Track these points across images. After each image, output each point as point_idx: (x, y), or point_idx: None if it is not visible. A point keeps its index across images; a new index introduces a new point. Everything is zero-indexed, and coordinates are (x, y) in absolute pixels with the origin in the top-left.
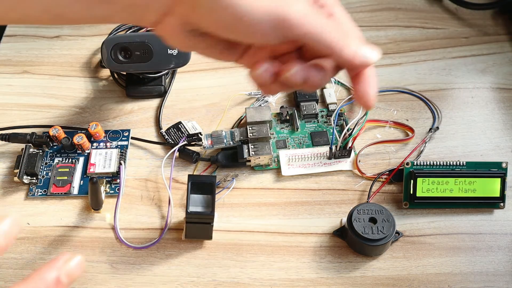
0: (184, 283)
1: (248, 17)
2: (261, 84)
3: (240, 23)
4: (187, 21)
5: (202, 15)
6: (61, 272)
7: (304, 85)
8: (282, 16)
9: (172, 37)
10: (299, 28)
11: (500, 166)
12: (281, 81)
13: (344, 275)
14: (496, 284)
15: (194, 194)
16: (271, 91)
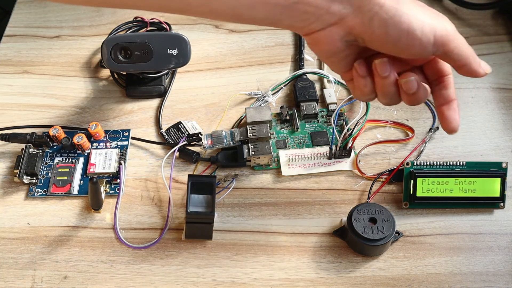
0: (184, 283)
1: (417, 32)
2: (408, 91)
3: (407, 37)
4: (352, 32)
5: (373, 29)
6: None
7: (413, 95)
8: (444, 33)
9: (328, 44)
10: (453, 42)
11: (500, 166)
12: (402, 88)
13: (344, 275)
14: (496, 284)
15: (194, 194)
16: (392, 99)
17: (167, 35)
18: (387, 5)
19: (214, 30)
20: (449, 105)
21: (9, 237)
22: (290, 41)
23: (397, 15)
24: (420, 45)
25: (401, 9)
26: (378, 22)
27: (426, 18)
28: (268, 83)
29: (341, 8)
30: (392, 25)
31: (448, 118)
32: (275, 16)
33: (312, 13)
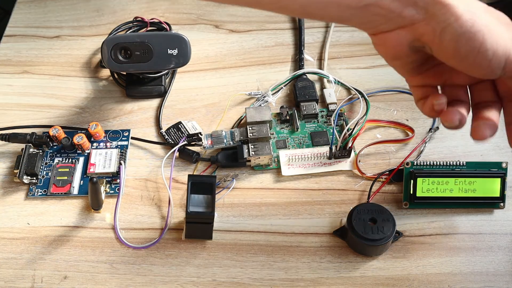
0: (184, 283)
1: (489, 53)
2: (435, 110)
3: (476, 56)
4: (420, 38)
5: (444, 40)
6: None
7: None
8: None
9: (394, 47)
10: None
11: (500, 166)
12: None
13: (344, 275)
14: (496, 284)
15: (194, 194)
16: (431, 113)
17: (167, 35)
18: (463, 18)
19: (214, 30)
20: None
21: (9, 237)
22: (290, 41)
23: (472, 32)
24: (488, 66)
25: (477, 24)
26: (450, 35)
27: (502, 37)
28: (268, 83)
29: (414, 13)
30: (464, 40)
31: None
32: (345, 16)
33: (383, 15)
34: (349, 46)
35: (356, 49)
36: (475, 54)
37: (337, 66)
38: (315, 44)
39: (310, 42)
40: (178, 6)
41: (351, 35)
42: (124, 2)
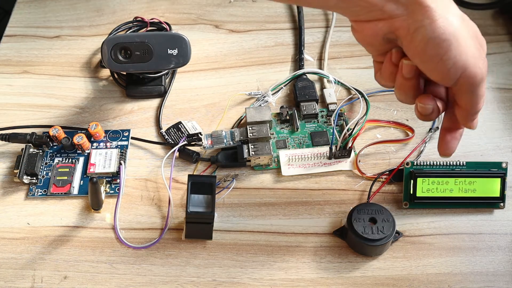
0: (184, 283)
1: (449, 62)
2: (422, 113)
3: (437, 62)
4: (395, 32)
5: (414, 39)
6: None
7: (425, 117)
8: (472, 76)
9: (370, 36)
10: (474, 90)
11: (500, 166)
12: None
13: (344, 275)
14: (496, 284)
15: (194, 194)
16: (407, 99)
17: (167, 35)
18: (437, 23)
19: (214, 30)
20: (454, 132)
21: (9, 237)
22: (290, 41)
23: (441, 38)
24: (445, 74)
25: (447, 33)
26: (421, 36)
27: (465, 51)
28: (268, 83)
29: (394, 9)
30: (432, 44)
31: (446, 144)
32: (330, 5)
33: (365, 7)
34: (349, 46)
35: (356, 49)
36: (438, 59)
37: (337, 66)
38: (315, 44)
39: (310, 42)
40: (178, 6)
41: (351, 35)
42: (124, 2)
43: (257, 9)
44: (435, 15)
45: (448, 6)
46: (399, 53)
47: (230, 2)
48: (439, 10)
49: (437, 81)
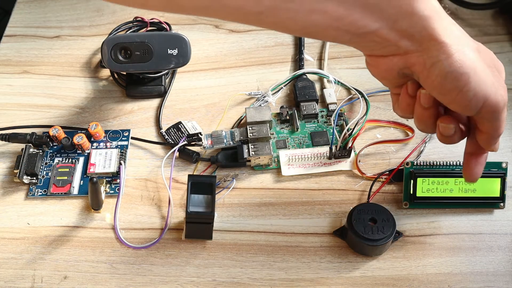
0: (184, 283)
1: (470, 94)
2: (444, 134)
3: (457, 94)
4: (411, 67)
5: (432, 74)
6: None
7: (447, 138)
8: (494, 104)
9: (385, 71)
10: (497, 117)
11: (500, 166)
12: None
13: (344, 275)
14: (496, 284)
15: (194, 194)
16: (427, 129)
17: (167, 35)
18: (454, 58)
19: (214, 30)
20: (479, 157)
21: (9, 237)
22: (290, 41)
23: (459, 72)
24: (467, 105)
25: (465, 66)
26: (438, 70)
27: (484, 82)
28: (268, 83)
29: (409, 45)
30: (450, 78)
31: (471, 170)
32: (344, 40)
33: (379, 43)
34: (349, 46)
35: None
36: (457, 92)
37: (337, 66)
38: (315, 44)
39: (310, 42)
40: None
41: None
42: None
43: None
44: (450, 50)
45: (463, 39)
46: (415, 84)
47: None
48: (454, 44)
49: (458, 111)
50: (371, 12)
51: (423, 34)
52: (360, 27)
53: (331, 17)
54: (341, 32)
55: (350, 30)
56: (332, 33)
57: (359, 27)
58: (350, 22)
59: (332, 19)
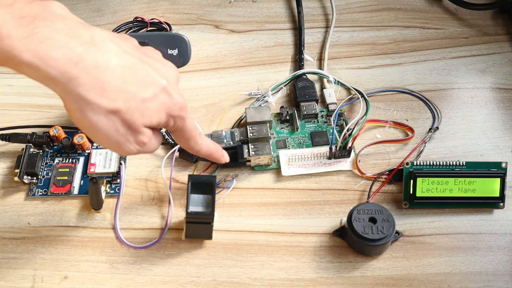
0: (184, 283)
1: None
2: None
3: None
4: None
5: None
6: None
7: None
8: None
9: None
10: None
11: (500, 166)
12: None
13: (344, 275)
14: (496, 284)
15: (194, 194)
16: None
17: (167, 35)
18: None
19: (214, 30)
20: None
21: (10, 237)
22: (290, 41)
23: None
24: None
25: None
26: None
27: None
28: (268, 83)
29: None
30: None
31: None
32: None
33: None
34: (349, 46)
35: (356, 49)
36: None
37: (337, 66)
38: (315, 44)
39: (310, 42)
40: (178, 6)
41: (351, 35)
42: (124, 2)
43: (257, 9)
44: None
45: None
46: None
47: (230, 3)
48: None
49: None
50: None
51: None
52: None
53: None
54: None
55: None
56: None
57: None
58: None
59: None
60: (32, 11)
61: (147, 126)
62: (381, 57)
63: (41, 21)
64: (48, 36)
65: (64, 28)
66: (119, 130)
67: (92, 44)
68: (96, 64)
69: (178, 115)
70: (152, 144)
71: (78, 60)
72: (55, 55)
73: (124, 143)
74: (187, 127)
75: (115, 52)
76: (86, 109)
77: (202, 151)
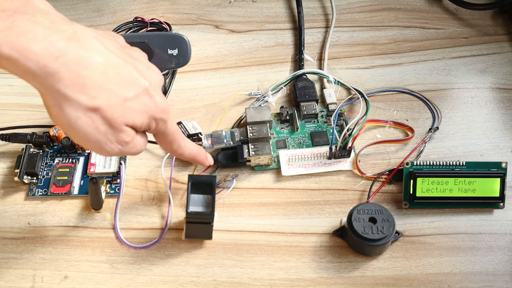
0: (184, 283)
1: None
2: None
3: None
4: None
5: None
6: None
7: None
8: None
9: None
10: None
11: (500, 166)
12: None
13: (344, 275)
14: (495, 284)
15: (194, 194)
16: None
17: (167, 35)
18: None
19: (214, 30)
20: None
21: (10, 237)
22: (290, 41)
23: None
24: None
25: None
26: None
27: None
28: (268, 83)
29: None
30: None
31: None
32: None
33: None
34: (349, 46)
35: (356, 49)
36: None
37: (337, 66)
38: (315, 44)
39: (310, 42)
40: (178, 6)
41: (351, 35)
42: (124, 2)
43: (257, 9)
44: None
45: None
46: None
47: (230, 3)
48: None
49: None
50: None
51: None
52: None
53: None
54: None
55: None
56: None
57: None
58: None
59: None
60: (13, 5)
61: (129, 125)
62: (381, 57)
63: (21, 14)
64: (28, 29)
65: (45, 22)
66: (99, 129)
67: (74, 40)
68: (77, 59)
69: (160, 117)
70: (135, 144)
71: (59, 55)
72: (34, 49)
73: (105, 142)
74: (169, 130)
75: (98, 50)
76: (65, 106)
77: (185, 155)
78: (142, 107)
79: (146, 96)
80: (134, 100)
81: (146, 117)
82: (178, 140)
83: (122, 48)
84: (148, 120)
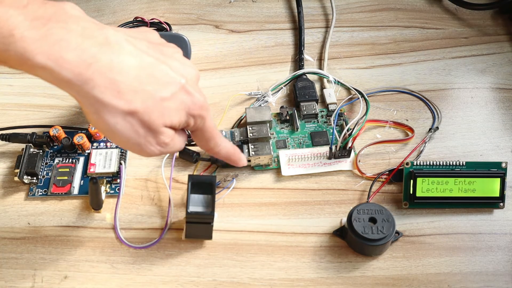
0: (184, 283)
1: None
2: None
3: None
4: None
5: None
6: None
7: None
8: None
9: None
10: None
11: (500, 166)
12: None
13: (344, 275)
14: (495, 284)
15: (194, 194)
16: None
17: (167, 35)
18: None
19: (214, 30)
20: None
21: (10, 237)
22: (290, 41)
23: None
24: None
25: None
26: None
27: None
28: (268, 83)
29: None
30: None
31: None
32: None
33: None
34: (349, 46)
35: (356, 49)
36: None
37: (337, 66)
38: (315, 44)
39: (310, 42)
40: (178, 6)
41: (351, 35)
42: (124, 2)
43: (257, 9)
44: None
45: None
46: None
47: (230, 3)
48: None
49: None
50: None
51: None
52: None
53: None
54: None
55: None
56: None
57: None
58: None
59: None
60: (46, 13)
61: (168, 126)
62: (381, 57)
63: (55, 22)
64: (62, 38)
65: (78, 29)
66: (138, 132)
67: (106, 45)
68: (110, 65)
69: (198, 114)
70: (175, 144)
71: (92, 62)
72: (68, 57)
73: (145, 145)
74: (208, 127)
75: (130, 52)
76: (102, 112)
77: (221, 153)
78: (180, 105)
79: (183, 93)
80: (171, 99)
81: (184, 115)
82: (216, 137)
83: (155, 46)
84: (186, 117)
